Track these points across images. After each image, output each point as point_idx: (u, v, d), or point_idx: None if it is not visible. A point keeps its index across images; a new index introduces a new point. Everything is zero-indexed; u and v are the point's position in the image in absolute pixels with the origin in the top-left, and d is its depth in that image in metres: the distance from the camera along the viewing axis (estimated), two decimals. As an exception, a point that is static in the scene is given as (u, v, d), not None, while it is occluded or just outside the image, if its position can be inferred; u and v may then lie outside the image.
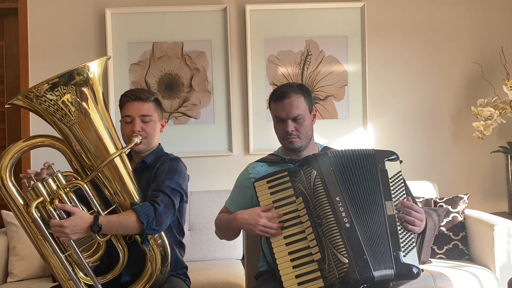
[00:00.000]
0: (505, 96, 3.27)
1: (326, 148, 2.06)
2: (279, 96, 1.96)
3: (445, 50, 3.55)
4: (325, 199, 1.70)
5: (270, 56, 3.44)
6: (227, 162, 3.42)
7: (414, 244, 1.70)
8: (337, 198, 1.70)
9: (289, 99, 1.94)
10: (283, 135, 1.97)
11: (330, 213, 1.68)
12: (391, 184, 1.76)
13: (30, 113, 3.28)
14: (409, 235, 1.71)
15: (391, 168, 1.79)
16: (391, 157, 1.80)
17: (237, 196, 2.06)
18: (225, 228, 2.01)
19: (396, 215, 1.71)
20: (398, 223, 1.70)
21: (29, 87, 3.19)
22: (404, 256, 1.65)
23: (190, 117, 3.41)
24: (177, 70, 3.40)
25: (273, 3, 3.42)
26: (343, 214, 1.67)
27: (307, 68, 3.46)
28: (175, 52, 3.39)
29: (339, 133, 3.48)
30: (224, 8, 3.39)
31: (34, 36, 3.34)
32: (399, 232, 1.69)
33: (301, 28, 3.45)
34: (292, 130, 1.94)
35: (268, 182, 1.84)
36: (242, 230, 2.02)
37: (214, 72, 3.41)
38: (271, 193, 1.82)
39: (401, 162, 1.83)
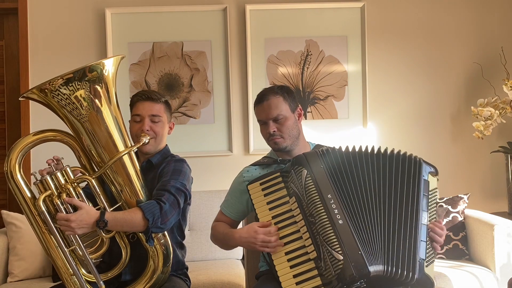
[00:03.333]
0: (505, 96, 3.26)
1: (317, 146, 2.07)
2: (259, 99, 2.00)
3: (445, 50, 3.54)
4: (317, 197, 1.71)
5: (270, 56, 3.44)
6: (227, 162, 3.42)
7: (434, 259, 1.75)
8: (329, 196, 1.71)
9: (268, 101, 1.97)
10: (267, 137, 2.00)
11: (323, 210, 1.68)
12: (429, 197, 1.79)
13: (30, 113, 3.33)
14: (433, 250, 1.76)
15: (431, 182, 1.82)
16: (433, 172, 1.84)
17: (232, 201, 2.07)
18: (222, 242, 2.03)
19: (428, 226, 1.74)
20: (427, 235, 1.74)
21: (29, 87, 3.20)
22: (426, 266, 1.69)
23: (190, 117, 3.41)
24: (177, 70, 3.40)
25: (273, 3, 3.42)
26: (336, 211, 1.68)
27: (307, 68, 3.45)
28: (175, 52, 3.39)
29: (339, 133, 3.48)
30: (224, 8, 3.39)
31: (34, 36, 3.34)
32: (427, 243, 1.73)
33: (301, 28, 3.44)
34: (274, 131, 1.96)
35: (261, 184, 1.85)
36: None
37: (214, 72, 3.41)
38: (265, 195, 1.83)
39: (438, 180, 1.87)
